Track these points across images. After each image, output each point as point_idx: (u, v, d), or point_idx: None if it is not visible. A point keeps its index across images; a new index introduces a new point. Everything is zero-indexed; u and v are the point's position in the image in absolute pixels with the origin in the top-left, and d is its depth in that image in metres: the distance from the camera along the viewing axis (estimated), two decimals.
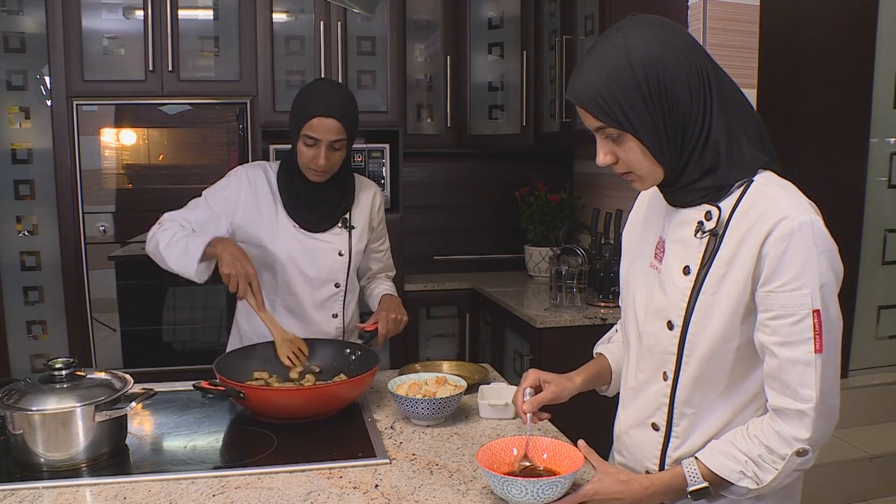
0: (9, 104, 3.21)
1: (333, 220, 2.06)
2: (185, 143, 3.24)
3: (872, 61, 3.60)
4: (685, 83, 1.14)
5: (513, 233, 4.02)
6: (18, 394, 1.43)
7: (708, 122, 1.16)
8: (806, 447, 1.13)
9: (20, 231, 3.27)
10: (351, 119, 1.92)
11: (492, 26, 3.78)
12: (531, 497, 1.20)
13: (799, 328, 1.11)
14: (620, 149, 1.19)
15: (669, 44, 1.15)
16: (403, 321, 2.08)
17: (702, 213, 1.20)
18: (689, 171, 1.19)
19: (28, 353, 3.32)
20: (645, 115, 1.14)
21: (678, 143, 1.17)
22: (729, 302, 1.16)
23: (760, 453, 1.15)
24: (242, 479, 1.38)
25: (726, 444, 1.19)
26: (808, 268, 1.10)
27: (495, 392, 1.78)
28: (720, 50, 2.70)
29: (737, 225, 1.16)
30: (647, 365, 1.30)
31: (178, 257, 1.84)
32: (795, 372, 1.12)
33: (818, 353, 1.10)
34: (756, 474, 1.16)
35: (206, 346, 3.27)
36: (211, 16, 3.29)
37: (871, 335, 3.85)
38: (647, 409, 1.30)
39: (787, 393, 1.13)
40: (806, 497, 3.29)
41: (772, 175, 1.20)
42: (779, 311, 1.12)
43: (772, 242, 1.11)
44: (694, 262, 1.20)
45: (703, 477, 1.19)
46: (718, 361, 1.20)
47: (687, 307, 1.20)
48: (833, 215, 3.99)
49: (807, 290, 1.10)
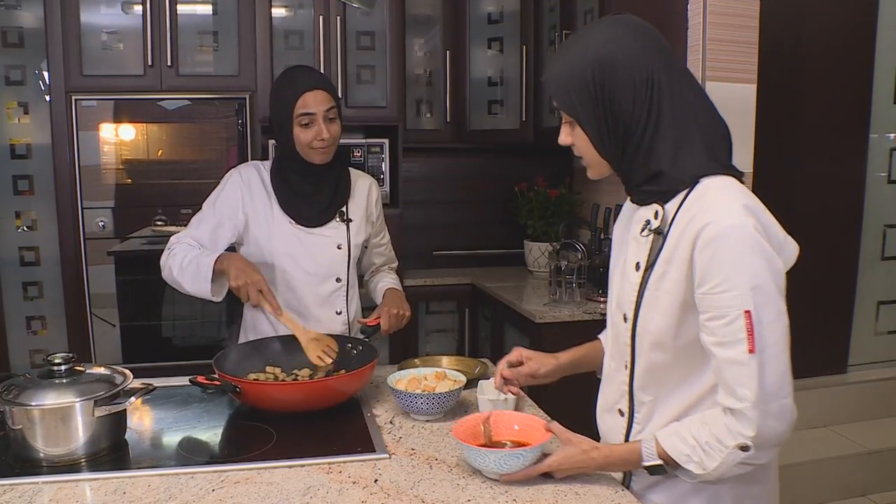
0: (7, 99, 3.21)
1: (330, 213, 2.06)
2: (185, 138, 3.23)
3: (872, 57, 3.59)
4: (630, 86, 1.20)
5: (512, 228, 4.01)
6: (18, 389, 1.43)
7: (652, 130, 1.22)
8: (748, 443, 1.16)
9: (19, 227, 3.27)
10: (334, 89, 1.99)
11: (491, 21, 3.78)
12: (497, 466, 1.30)
13: (732, 329, 1.14)
14: (574, 133, 1.30)
15: (626, 46, 1.21)
16: (406, 316, 2.08)
17: (651, 212, 1.27)
18: (636, 174, 1.26)
19: (27, 348, 3.33)
20: (590, 109, 1.23)
21: (619, 143, 1.24)
22: (669, 299, 1.22)
23: (708, 441, 1.19)
24: (241, 474, 1.38)
25: (682, 426, 1.24)
26: (736, 270, 1.14)
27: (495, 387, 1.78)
28: (720, 45, 2.70)
29: (677, 225, 1.21)
30: (615, 354, 1.39)
31: (192, 280, 1.88)
32: (732, 372, 1.16)
33: (752, 354, 1.13)
34: (702, 460, 1.20)
35: (205, 342, 3.26)
36: (210, 11, 3.28)
37: (870, 330, 3.85)
38: (615, 396, 1.39)
39: (727, 391, 1.17)
40: (805, 492, 3.31)
41: (720, 179, 1.22)
42: (713, 312, 1.16)
43: (700, 246, 1.16)
44: (642, 258, 1.28)
45: (657, 455, 1.25)
46: (665, 354, 1.26)
47: (636, 301, 1.28)
48: (833, 211, 4.01)
49: (737, 292, 1.14)
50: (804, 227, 3.57)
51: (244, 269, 1.82)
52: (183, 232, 2.01)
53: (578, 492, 1.31)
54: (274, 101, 1.96)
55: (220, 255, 1.88)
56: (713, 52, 2.70)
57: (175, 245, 1.96)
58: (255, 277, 1.81)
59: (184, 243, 1.96)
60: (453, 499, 1.28)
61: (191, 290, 1.89)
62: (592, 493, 1.30)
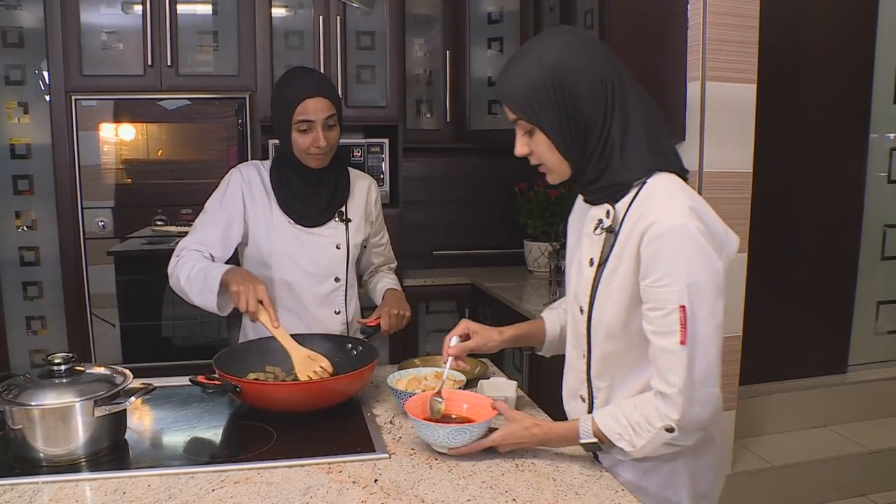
0: (7, 99, 3.21)
1: (329, 213, 2.05)
2: (184, 138, 3.23)
3: (872, 56, 3.59)
4: (588, 87, 1.29)
5: (512, 228, 4.01)
6: (18, 389, 1.43)
7: (608, 124, 1.31)
8: (673, 426, 1.27)
9: (19, 226, 3.27)
10: (336, 95, 1.96)
11: (491, 21, 3.78)
12: (446, 440, 1.41)
13: (667, 321, 1.24)
14: (532, 141, 1.36)
15: (579, 52, 1.30)
16: (406, 317, 2.07)
17: (603, 212, 1.36)
18: (590, 169, 1.34)
19: (27, 348, 3.33)
20: (551, 112, 1.30)
21: (581, 142, 1.32)
22: (620, 292, 1.32)
23: (638, 421, 1.30)
24: (241, 474, 1.38)
25: (616, 408, 1.35)
26: (676, 267, 1.23)
27: (495, 387, 1.78)
28: (719, 45, 2.70)
29: (627, 224, 1.30)
30: (575, 344, 1.49)
31: (199, 292, 1.85)
32: (664, 359, 1.26)
33: (682, 345, 1.24)
34: (632, 438, 1.31)
35: (205, 342, 3.27)
36: (210, 10, 3.28)
37: (870, 331, 3.85)
38: (576, 383, 1.49)
39: (659, 376, 1.28)
40: (804, 492, 3.31)
41: (666, 178, 1.31)
42: (653, 303, 1.26)
43: (645, 243, 1.25)
44: (596, 255, 1.37)
45: (593, 433, 1.35)
46: (618, 343, 1.36)
47: (591, 295, 1.38)
48: (832, 210, 4.00)
49: (674, 287, 1.23)
50: (804, 227, 3.60)
51: (247, 278, 1.80)
52: (190, 237, 1.98)
53: (579, 492, 1.31)
54: (274, 101, 1.96)
55: (227, 268, 1.85)
56: (713, 52, 2.70)
57: (183, 252, 1.94)
58: (259, 287, 1.77)
59: (192, 251, 1.93)
60: (453, 499, 1.28)
61: (197, 302, 1.87)
62: (593, 493, 1.30)
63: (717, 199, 2.78)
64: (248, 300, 1.75)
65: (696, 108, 2.74)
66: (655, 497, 1.41)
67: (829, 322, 3.69)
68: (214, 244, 1.96)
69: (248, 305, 1.75)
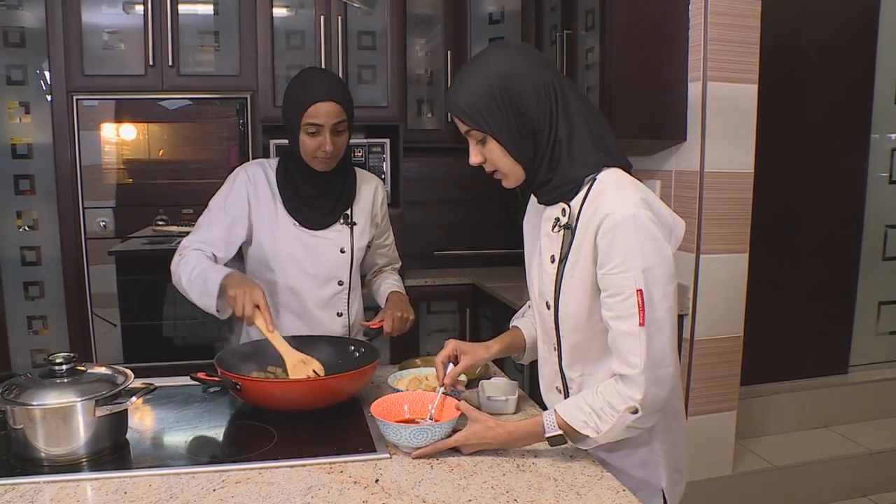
0: (8, 99, 3.21)
1: (334, 216, 2.04)
2: (186, 138, 3.23)
3: (874, 57, 3.59)
4: (532, 93, 1.36)
5: (513, 228, 3.99)
6: (19, 389, 1.43)
7: (555, 126, 1.38)
8: (636, 406, 1.33)
9: (20, 226, 3.27)
10: (348, 100, 1.93)
11: (492, 21, 3.78)
12: (409, 440, 1.44)
13: (625, 305, 1.32)
14: (485, 150, 1.42)
15: (520, 62, 1.37)
16: (410, 320, 2.06)
17: (559, 211, 1.43)
18: (542, 170, 1.41)
19: (28, 348, 3.32)
20: (499, 119, 1.37)
21: (532, 144, 1.39)
22: (581, 284, 1.39)
23: (602, 406, 1.35)
24: (243, 474, 1.38)
25: (579, 398, 1.40)
26: (630, 254, 1.30)
27: (496, 387, 1.78)
28: (721, 45, 2.70)
29: (583, 219, 1.38)
30: (545, 339, 1.55)
31: (200, 294, 1.85)
32: (624, 342, 1.33)
33: (641, 327, 1.31)
34: (597, 425, 1.35)
35: (206, 342, 3.27)
36: (211, 10, 3.28)
37: (871, 331, 3.85)
38: (550, 376, 1.56)
39: (620, 359, 1.34)
40: (806, 492, 3.30)
41: (614, 173, 1.39)
42: (611, 290, 1.34)
43: (601, 234, 1.33)
44: (556, 251, 1.44)
45: (557, 426, 1.40)
46: (585, 334, 1.43)
47: (555, 290, 1.44)
48: (834, 211, 4.00)
49: (631, 273, 1.31)
50: (805, 227, 3.60)
51: (245, 283, 1.79)
52: (193, 235, 1.97)
53: (580, 492, 1.31)
54: (286, 100, 1.94)
55: (227, 272, 1.84)
56: (714, 52, 2.70)
57: (186, 252, 1.92)
58: (256, 291, 1.76)
59: (195, 250, 1.92)
60: (454, 499, 1.28)
61: (199, 305, 1.86)
62: (594, 494, 1.30)
63: (718, 199, 2.78)
64: (244, 304, 1.74)
65: (698, 108, 2.74)
66: (636, 479, 1.50)
67: (831, 322, 3.69)
68: (217, 243, 1.95)
69: (244, 309, 1.74)
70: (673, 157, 2.89)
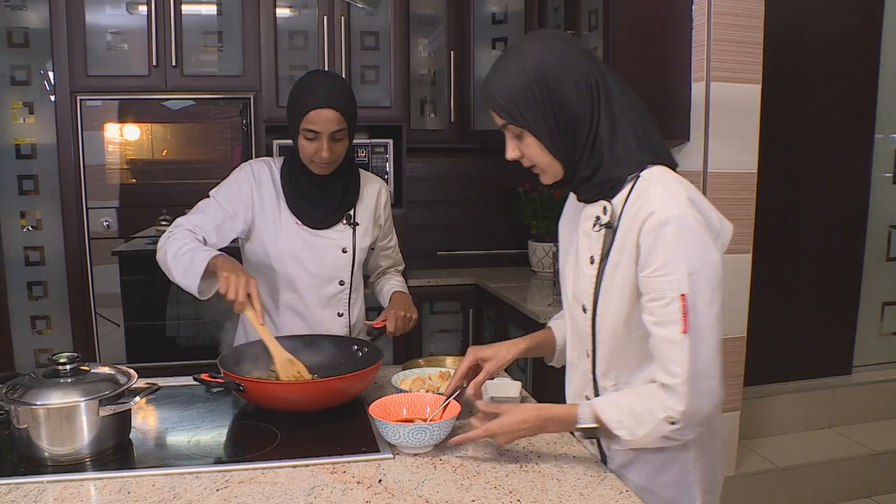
0: (12, 99, 3.22)
1: (337, 216, 2.05)
2: (189, 138, 3.24)
3: (878, 57, 3.58)
4: (572, 85, 1.29)
5: (516, 228, 4.01)
6: (23, 388, 1.43)
7: (596, 121, 1.31)
8: (675, 418, 1.25)
9: (24, 226, 3.28)
10: (349, 108, 1.90)
11: (495, 21, 3.78)
12: (407, 439, 1.43)
13: (668, 310, 1.24)
14: (522, 144, 1.36)
15: (559, 52, 1.31)
16: (413, 319, 2.06)
17: (600, 209, 1.35)
18: (582, 167, 1.34)
19: (32, 347, 3.33)
20: (538, 113, 1.30)
21: (571, 140, 1.32)
22: (623, 287, 1.31)
23: (641, 410, 1.29)
24: (246, 474, 1.38)
25: (619, 396, 1.35)
26: (675, 256, 1.23)
27: (498, 387, 1.78)
28: (724, 45, 2.69)
29: (625, 218, 1.30)
30: (576, 345, 1.48)
31: (183, 272, 1.79)
32: (666, 349, 1.25)
33: (684, 334, 1.23)
34: (632, 428, 1.30)
35: (209, 342, 3.27)
36: (214, 11, 3.29)
37: (875, 331, 3.84)
38: (580, 384, 1.48)
39: (661, 368, 1.27)
40: (809, 493, 3.29)
41: (659, 170, 1.32)
42: (653, 294, 1.26)
43: (644, 234, 1.26)
44: (596, 252, 1.36)
45: (592, 418, 1.34)
46: (624, 339, 1.35)
47: (594, 293, 1.36)
48: (837, 211, 3.98)
49: (674, 277, 1.23)
50: (808, 227, 3.59)
51: (237, 270, 1.74)
52: (188, 217, 1.94)
53: (583, 492, 1.31)
54: (289, 102, 1.94)
55: (217, 254, 1.80)
56: (718, 52, 2.70)
57: (177, 229, 1.89)
58: (250, 280, 1.73)
59: (186, 230, 1.89)
60: (457, 499, 1.28)
61: (179, 282, 1.81)
62: (597, 494, 1.30)
63: (721, 199, 2.77)
64: (237, 290, 1.70)
65: (701, 108, 2.74)
66: (665, 499, 1.41)
67: (834, 323, 3.68)
68: (210, 231, 1.92)
69: (236, 295, 1.70)
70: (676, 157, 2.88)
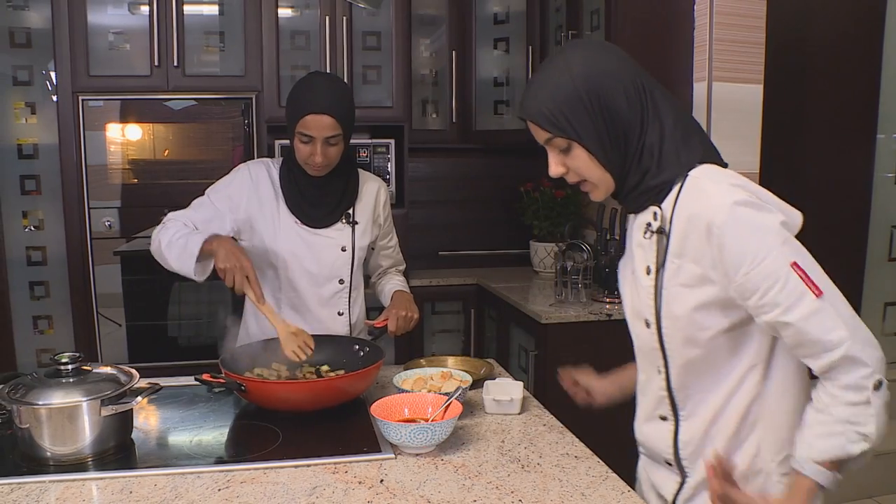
0: (14, 99, 3.22)
1: (336, 215, 2.05)
2: (191, 138, 3.24)
3: (880, 57, 3.58)
4: (622, 93, 1.23)
5: (518, 228, 4.01)
6: (25, 388, 1.43)
7: (646, 127, 1.25)
8: (877, 377, 1.13)
9: (26, 226, 3.28)
10: (345, 113, 1.90)
11: (497, 21, 3.78)
12: (409, 439, 1.44)
13: (789, 288, 1.13)
14: (569, 158, 1.29)
15: (606, 60, 1.25)
16: (414, 318, 2.06)
17: (650, 215, 1.27)
18: (632, 175, 1.27)
19: (34, 347, 3.33)
20: (588, 123, 1.23)
21: (621, 149, 1.25)
22: (688, 291, 1.23)
23: (847, 415, 1.15)
24: (248, 474, 1.38)
25: (811, 430, 1.18)
26: (755, 240, 1.14)
27: (500, 387, 1.78)
28: (726, 45, 2.69)
29: (678, 220, 1.22)
30: (644, 364, 1.38)
31: (178, 256, 1.82)
32: (813, 325, 1.13)
33: (821, 296, 1.13)
34: (859, 433, 1.15)
35: (211, 341, 3.27)
36: (216, 11, 3.29)
37: (877, 331, 3.80)
38: (653, 404, 1.37)
39: (819, 348, 1.14)
40: None
41: (706, 168, 1.24)
42: (763, 286, 1.14)
43: (711, 238, 1.17)
44: (651, 261, 1.28)
45: (826, 469, 1.18)
46: (699, 349, 1.25)
47: (655, 304, 1.28)
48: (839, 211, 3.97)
49: (772, 257, 1.14)
50: (810, 227, 3.58)
51: (233, 252, 1.76)
52: (181, 211, 1.97)
53: (585, 492, 1.31)
54: (287, 103, 1.95)
55: (211, 235, 1.83)
56: (720, 52, 2.69)
57: (170, 221, 1.93)
58: (245, 263, 1.75)
59: (179, 221, 1.93)
60: (459, 499, 1.28)
61: (175, 267, 1.83)
62: (599, 494, 1.30)
63: None
64: (235, 275, 1.73)
65: (703, 108, 2.73)
66: None
67: None
68: (200, 226, 1.94)
69: (234, 281, 1.73)
70: None
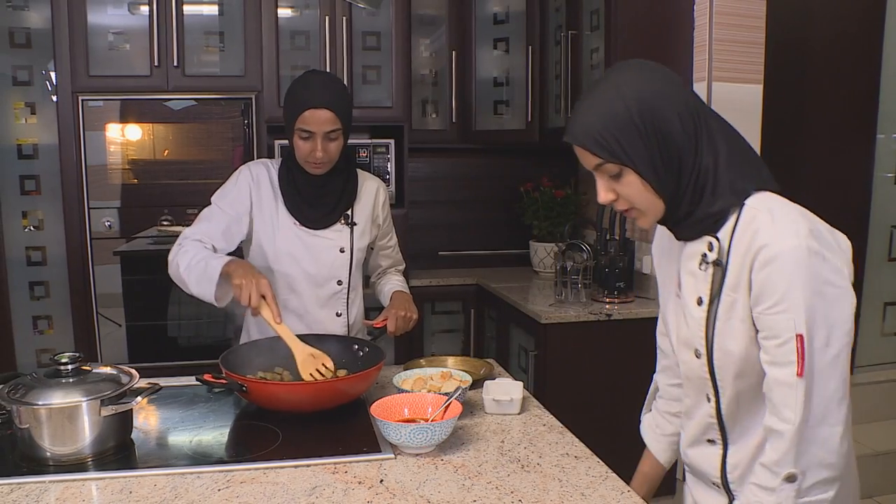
0: (14, 100, 3.22)
1: (335, 216, 2.05)
2: (190, 138, 3.24)
3: (880, 57, 3.58)
4: (676, 116, 1.19)
5: (518, 228, 4.01)
6: (25, 388, 1.43)
7: (701, 151, 1.21)
8: (793, 472, 1.13)
9: (26, 226, 3.28)
10: (344, 108, 1.91)
11: (497, 21, 3.78)
12: (406, 439, 1.44)
13: (784, 350, 1.14)
14: (619, 184, 1.23)
15: (658, 82, 1.21)
16: (413, 319, 2.06)
17: (705, 245, 1.24)
18: (685, 204, 1.23)
19: (34, 347, 3.33)
20: (641, 148, 1.18)
21: (675, 174, 1.21)
22: (743, 326, 1.20)
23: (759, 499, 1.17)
24: (248, 474, 1.38)
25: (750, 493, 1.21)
26: (791, 293, 1.12)
27: (500, 388, 1.78)
28: (726, 45, 2.69)
29: (735, 253, 1.19)
30: (691, 390, 1.36)
31: (198, 281, 1.82)
32: (780, 392, 1.15)
33: (799, 377, 1.12)
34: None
35: (211, 342, 3.27)
36: (216, 11, 3.29)
37: (877, 332, 3.83)
38: (700, 429, 1.36)
39: (773, 411, 1.17)
40: None
41: (765, 197, 1.21)
42: (768, 331, 1.16)
43: (756, 268, 1.15)
44: (704, 292, 1.25)
45: None
46: (751, 380, 1.23)
47: (706, 336, 1.26)
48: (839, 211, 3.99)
49: (790, 315, 1.12)
50: None
51: (250, 272, 1.77)
52: (194, 227, 1.96)
53: (584, 492, 1.31)
54: (285, 101, 1.95)
55: (230, 259, 1.83)
56: (719, 52, 2.70)
57: (186, 242, 1.91)
58: (262, 281, 1.75)
59: (195, 240, 1.91)
60: (459, 499, 1.28)
61: (195, 292, 1.83)
62: (598, 494, 1.30)
63: None
64: (250, 294, 1.73)
65: None
66: None
67: None
68: (217, 237, 1.94)
69: (250, 300, 1.73)
70: None
